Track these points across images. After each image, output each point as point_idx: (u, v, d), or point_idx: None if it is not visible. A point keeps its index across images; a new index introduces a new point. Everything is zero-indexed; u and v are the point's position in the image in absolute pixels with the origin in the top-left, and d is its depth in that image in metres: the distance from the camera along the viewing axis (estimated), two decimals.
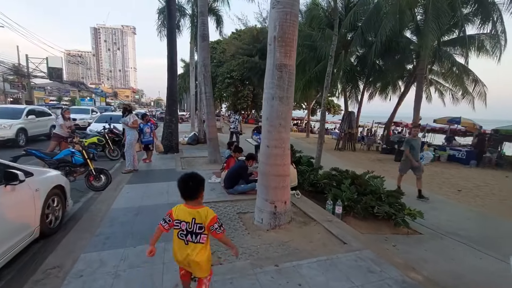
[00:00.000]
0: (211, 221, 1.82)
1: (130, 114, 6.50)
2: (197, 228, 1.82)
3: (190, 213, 1.84)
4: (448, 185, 8.76)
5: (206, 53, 7.60)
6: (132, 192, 5.09)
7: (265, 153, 3.70)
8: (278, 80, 3.51)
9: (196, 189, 1.90)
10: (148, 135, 7.79)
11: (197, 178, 1.92)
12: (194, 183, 1.89)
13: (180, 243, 1.86)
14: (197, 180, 1.91)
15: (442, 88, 18.19)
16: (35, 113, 11.75)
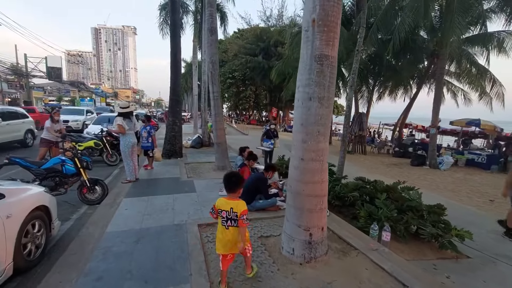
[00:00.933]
0: (242, 212, 2.30)
1: (117, 116, 5.72)
2: (234, 215, 2.31)
3: (229, 203, 2.35)
4: (477, 194, 8.01)
5: (214, 49, 6.85)
6: (132, 209, 4.34)
7: (298, 167, 2.95)
8: (317, 75, 2.75)
9: (236, 184, 2.42)
10: (145, 140, 7.01)
11: (237, 176, 2.48)
12: (235, 179, 2.42)
13: (223, 228, 2.38)
14: (238, 178, 2.46)
15: (454, 88, 17.47)
16: (1, 116, 9.28)
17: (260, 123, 41.11)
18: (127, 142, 5.71)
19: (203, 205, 4.53)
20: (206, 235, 3.51)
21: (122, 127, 5.64)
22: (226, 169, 7.27)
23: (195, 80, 16.63)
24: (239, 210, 2.29)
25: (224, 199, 2.39)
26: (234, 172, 2.53)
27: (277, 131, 9.53)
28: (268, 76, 28.35)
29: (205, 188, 5.51)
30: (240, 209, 2.29)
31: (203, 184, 5.84)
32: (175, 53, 8.19)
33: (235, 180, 2.41)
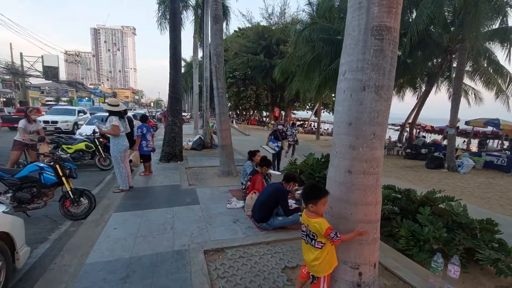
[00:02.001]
0: (325, 232, 1.91)
1: (112, 116, 4.88)
2: (310, 234, 2.00)
3: (306, 220, 2.04)
4: (508, 201, 7.23)
5: (219, 39, 6.06)
6: (122, 228, 3.53)
7: (344, 183, 2.16)
8: (375, 55, 1.97)
9: (307, 197, 2.03)
10: (150, 143, 6.27)
11: (311, 188, 2.06)
12: (308, 190, 2.05)
13: (303, 241, 2.13)
14: (310, 190, 2.05)
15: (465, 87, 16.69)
16: None
17: (260, 124, 40.36)
18: (119, 146, 4.91)
19: (209, 222, 3.73)
20: (215, 266, 2.71)
21: (118, 128, 4.85)
22: (232, 174, 6.48)
23: (196, 78, 15.85)
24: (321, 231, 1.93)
25: (304, 213, 2.08)
26: (312, 184, 2.11)
27: (286, 132, 8.73)
28: (269, 75, 27.56)
29: (210, 199, 4.72)
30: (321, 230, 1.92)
31: (207, 193, 5.04)
32: (175, 46, 7.39)
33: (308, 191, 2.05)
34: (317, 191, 2.01)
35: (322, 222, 1.95)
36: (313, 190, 2.02)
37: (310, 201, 1.99)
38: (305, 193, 2.05)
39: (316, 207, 1.98)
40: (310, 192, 2.02)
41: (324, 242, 1.96)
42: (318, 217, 1.98)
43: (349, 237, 2.05)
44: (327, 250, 1.99)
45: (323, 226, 1.92)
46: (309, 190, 2.04)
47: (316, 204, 1.97)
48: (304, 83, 16.87)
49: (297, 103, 36.61)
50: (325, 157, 5.84)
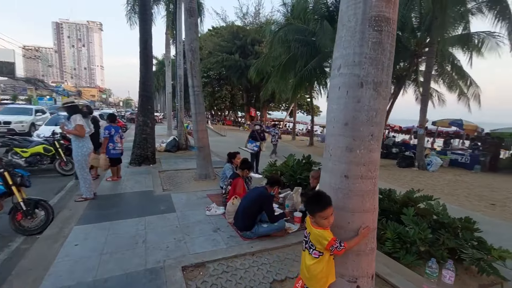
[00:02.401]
0: (328, 245, 1.77)
1: (77, 114, 4.33)
2: (309, 243, 1.87)
3: (309, 226, 1.88)
4: (475, 198, 7.64)
5: (194, 34, 5.70)
6: (85, 244, 3.08)
7: (340, 189, 1.96)
8: (373, 48, 1.79)
9: (306, 207, 1.94)
10: (119, 146, 5.69)
11: (310, 199, 1.89)
12: (307, 201, 1.94)
13: (302, 247, 1.97)
14: (308, 201, 1.91)
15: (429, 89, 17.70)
16: None
17: (236, 124, 40.00)
18: (84, 149, 4.37)
19: (187, 233, 3.39)
20: (195, 285, 2.40)
21: (83, 128, 4.31)
22: (210, 177, 6.14)
23: (168, 76, 15.17)
24: (320, 243, 1.80)
25: (309, 219, 1.89)
26: (317, 192, 1.91)
27: (264, 132, 8.53)
28: (245, 75, 27.34)
29: (187, 206, 4.35)
30: (322, 244, 1.79)
31: (183, 199, 4.67)
32: (146, 40, 6.86)
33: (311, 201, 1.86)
34: (314, 203, 1.83)
35: (325, 234, 1.79)
36: (310, 202, 1.87)
37: (309, 213, 1.87)
38: (305, 203, 1.96)
39: (315, 220, 1.82)
40: (307, 203, 1.89)
41: (322, 251, 1.82)
42: (321, 228, 1.82)
43: (354, 243, 1.90)
44: (325, 260, 1.84)
45: (326, 239, 1.77)
46: (308, 201, 1.90)
47: (314, 217, 1.82)
48: (280, 84, 16.87)
49: (272, 104, 36.78)
50: (306, 158, 5.71)
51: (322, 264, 1.84)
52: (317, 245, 1.81)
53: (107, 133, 5.56)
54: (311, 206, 1.85)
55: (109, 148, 5.63)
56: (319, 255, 1.83)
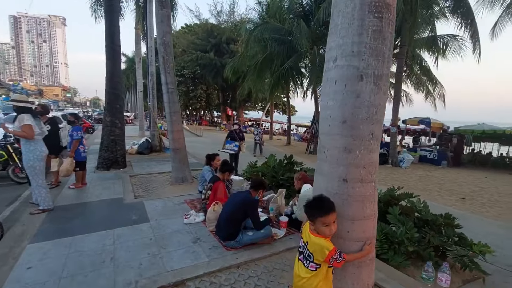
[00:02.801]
0: (327, 256, 1.61)
1: (24, 114, 3.73)
2: (307, 253, 1.71)
3: (306, 235, 1.74)
4: (446, 192, 7.98)
5: (167, 27, 5.28)
6: (40, 266, 2.62)
7: (338, 194, 1.76)
8: (373, 37, 1.61)
9: (306, 212, 1.73)
10: (86, 148, 5.14)
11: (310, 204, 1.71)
12: (307, 205, 1.73)
13: (296, 257, 1.85)
14: (308, 205, 1.72)
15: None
16: None
17: (212, 124, 39.29)
18: (37, 152, 3.82)
19: (163, 245, 3.03)
20: None
21: (31, 128, 3.74)
22: (187, 181, 5.76)
23: (139, 74, 14.35)
24: (319, 255, 1.64)
25: (308, 225, 1.75)
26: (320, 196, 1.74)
27: (242, 132, 8.27)
28: (220, 74, 26.84)
29: (162, 214, 3.96)
30: (321, 255, 1.63)
31: (158, 206, 4.26)
32: (112, 33, 6.29)
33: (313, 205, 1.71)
34: (316, 207, 1.67)
35: (326, 243, 1.64)
36: (311, 206, 1.70)
37: (309, 219, 1.72)
38: (306, 207, 1.74)
39: (315, 226, 1.68)
40: (308, 207, 1.72)
41: (320, 263, 1.67)
42: (322, 236, 1.66)
43: (355, 258, 1.76)
44: (322, 274, 1.69)
45: (325, 249, 1.62)
46: (308, 205, 1.72)
47: (314, 223, 1.67)
48: (257, 83, 16.71)
49: (249, 103, 36.58)
50: (288, 159, 5.54)
51: (319, 278, 1.69)
52: (316, 256, 1.66)
53: (79, 134, 5.04)
54: (312, 211, 1.68)
55: (79, 151, 5.10)
56: (316, 267, 1.67)
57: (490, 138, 15.78)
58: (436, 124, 14.22)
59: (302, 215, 3.43)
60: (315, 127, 15.24)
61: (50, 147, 5.08)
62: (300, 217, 3.44)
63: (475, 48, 10.29)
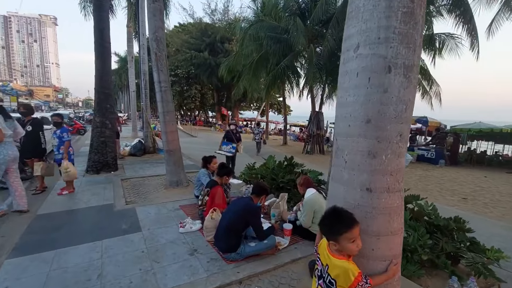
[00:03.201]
0: (353, 283, 1.35)
1: None
2: (328, 279, 1.44)
3: (325, 257, 1.47)
4: (447, 192, 7.84)
5: (159, 21, 4.98)
6: (18, 284, 2.31)
7: (360, 206, 1.51)
8: (403, 21, 1.36)
9: (323, 230, 1.50)
10: (56, 150, 4.76)
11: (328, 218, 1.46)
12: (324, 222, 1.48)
13: (313, 281, 1.61)
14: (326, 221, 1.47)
15: None
16: None
17: (207, 124, 38.90)
18: (2, 156, 3.52)
19: (156, 259, 2.74)
20: None
21: (0, 131, 3.44)
22: (182, 184, 5.46)
23: (132, 73, 13.97)
24: (343, 280, 1.38)
25: (326, 244, 1.50)
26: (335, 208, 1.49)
27: (239, 132, 7.98)
28: (215, 74, 26.48)
29: (156, 222, 3.67)
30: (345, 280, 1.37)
31: (151, 213, 3.96)
32: (101, 29, 5.94)
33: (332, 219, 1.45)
34: (336, 222, 1.41)
35: (350, 266, 1.39)
36: (329, 222, 1.45)
37: (329, 238, 1.47)
38: (322, 225, 1.51)
39: (339, 245, 1.42)
40: (324, 225, 1.47)
41: None
42: (345, 258, 1.42)
43: (381, 281, 1.53)
44: None
45: (351, 273, 1.37)
46: (325, 222, 1.47)
47: (337, 243, 1.41)
48: (252, 82, 16.43)
49: (244, 103, 36.28)
50: (288, 160, 5.28)
51: None
52: (339, 282, 1.41)
53: (69, 135, 4.79)
54: (332, 227, 1.43)
55: (69, 153, 4.79)
56: None
57: (484, 136, 15.81)
58: (434, 123, 14.15)
59: (307, 222, 3.18)
60: (312, 127, 15.07)
61: (30, 149, 4.75)
62: (305, 223, 3.19)
63: (474, 47, 10.19)
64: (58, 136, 4.63)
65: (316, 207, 3.11)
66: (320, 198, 3.18)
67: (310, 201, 3.13)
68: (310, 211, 3.12)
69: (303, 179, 3.34)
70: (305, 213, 3.16)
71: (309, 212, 3.12)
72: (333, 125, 10.82)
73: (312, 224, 3.20)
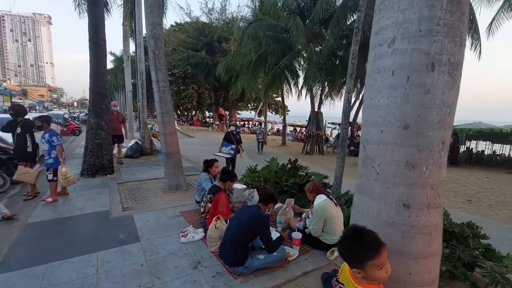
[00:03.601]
0: None
1: None
2: None
3: (350, 284, 1.29)
4: (451, 193, 7.72)
5: (157, 17, 4.75)
6: None
7: (396, 224, 1.32)
8: (449, 10, 1.18)
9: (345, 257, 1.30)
10: (47, 155, 4.35)
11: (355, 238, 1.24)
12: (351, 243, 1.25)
13: None
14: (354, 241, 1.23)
15: None
16: None
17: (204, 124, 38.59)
18: None
19: (156, 274, 2.53)
20: None
21: None
22: (181, 188, 5.24)
23: (128, 73, 13.67)
24: None
25: (348, 270, 1.29)
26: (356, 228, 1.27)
27: (240, 134, 7.76)
28: (212, 74, 26.23)
29: (155, 230, 3.45)
30: None
31: (150, 221, 3.74)
32: (96, 27, 5.69)
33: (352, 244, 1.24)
34: (360, 246, 1.21)
35: None
36: (352, 247, 1.24)
37: (352, 265, 1.27)
38: (341, 247, 1.29)
39: (365, 273, 1.23)
40: (344, 249, 1.27)
41: None
42: (374, 285, 1.25)
43: None
44: None
45: None
46: (345, 243, 1.26)
47: (363, 270, 1.22)
48: (251, 82, 16.24)
49: (241, 103, 36.07)
50: (292, 163, 5.09)
51: None
52: None
53: (59, 138, 4.40)
54: (356, 254, 1.21)
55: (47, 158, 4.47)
56: None
57: (482, 136, 15.79)
58: None
59: (317, 230, 2.99)
60: (311, 127, 14.90)
61: (18, 152, 4.49)
62: (314, 232, 3.00)
63: (475, 46, 10.10)
64: (47, 140, 4.27)
65: (327, 215, 2.92)
66: (331, 205, 2.99)
67: (321, 208, 2.94)
68: (321, 219, 2.92)
69: (313, 185, 3.15)
70: (315, 221, 2.97)
71: (320, 220, 2.93)
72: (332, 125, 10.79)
73: (322, 232, 3.01)
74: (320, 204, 2.98)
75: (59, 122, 15.63)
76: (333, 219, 2.93)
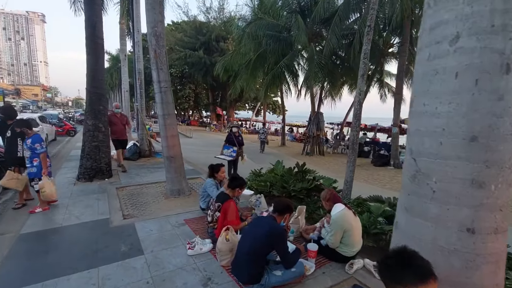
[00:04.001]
0: None
1: None
2: None
3: None
4: None
5: (159, 15, 4.52)
6: None
7: (457, 251, 1.13)
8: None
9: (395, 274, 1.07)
10: (29, 163, 3.95)
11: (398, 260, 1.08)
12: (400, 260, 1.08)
13: None
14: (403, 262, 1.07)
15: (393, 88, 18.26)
16: None
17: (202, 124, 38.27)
18: None
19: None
20: None
21: None
22: (184, 193, 5.02)
23: (125, 72, 13.34)
24: None
25: None
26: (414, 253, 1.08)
27: (242, 135, 7.54)
28: (210, 73, 25.96)
29: (160, 241, 3.23)
30: None
31: (153, 230, 3.52)
32: (94, 24, 5.43)
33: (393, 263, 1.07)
34: (405, 267, 1.05)
35: None
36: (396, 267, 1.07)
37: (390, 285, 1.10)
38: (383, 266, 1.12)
39: None
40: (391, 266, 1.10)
41: None
42: None
43: None
44: None
45: None
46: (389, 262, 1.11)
47: None
48: (250, 81, 16.03)
49: (239, 103, 35.84)
50: (300, 167, 4.90)
51: None
52: None
53: (43, 145, 3.92)
54: (395, 273, 1.06)
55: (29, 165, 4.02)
56: None
57: None
58: None
59: (335, 242, 2.80)
60: (312, 127, 14.74)
61: (7, 157, 4.23)
62: (332, 243, 2.81)
63: None
64: (29, 147, 3.85)
65: (347, 226, 2.73)
66: (350, 215, 2.81)
67: (339, 219, 2.75)
68: (340, 230, 2.74)
69: (330, 193, 2.95)
70: (333, 232, 2.78)
71: (338, 232, 2.74)
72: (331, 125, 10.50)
73: (340, 244, 2.83)
74: (339, 214, 2.79)
75: (54, 122, 15.22)
76: (352, 230, 2.75)
